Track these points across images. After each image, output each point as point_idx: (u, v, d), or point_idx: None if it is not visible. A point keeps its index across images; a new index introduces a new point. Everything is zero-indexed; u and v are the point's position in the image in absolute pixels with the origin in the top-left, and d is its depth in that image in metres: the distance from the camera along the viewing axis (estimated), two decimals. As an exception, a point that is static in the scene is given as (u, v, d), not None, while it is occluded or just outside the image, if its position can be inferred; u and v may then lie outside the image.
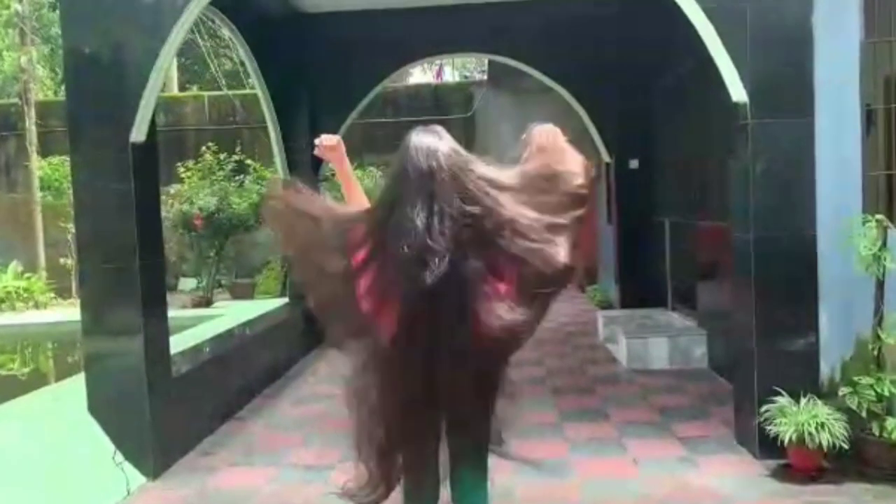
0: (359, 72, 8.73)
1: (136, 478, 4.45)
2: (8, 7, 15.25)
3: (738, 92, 4.39)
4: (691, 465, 4.41)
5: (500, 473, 4.18)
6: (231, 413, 5.87)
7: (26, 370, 9.39)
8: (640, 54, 8.60)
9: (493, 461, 2.62)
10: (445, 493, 2.75)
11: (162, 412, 4.67)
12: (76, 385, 5.00)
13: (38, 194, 13.36)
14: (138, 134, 4.59)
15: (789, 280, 4.39)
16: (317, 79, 8.65)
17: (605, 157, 9.74)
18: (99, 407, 4.64)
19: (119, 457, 4.49)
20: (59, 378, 6.98)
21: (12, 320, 10.79)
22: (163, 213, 5.39)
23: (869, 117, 4.41)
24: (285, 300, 9.37)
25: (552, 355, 7.73)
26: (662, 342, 6.90)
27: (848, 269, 4.15)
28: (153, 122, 4.74)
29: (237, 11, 7.06)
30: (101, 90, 4.61)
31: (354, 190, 2.77)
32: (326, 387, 6.79)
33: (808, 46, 4.35)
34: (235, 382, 6.12)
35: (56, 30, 17.03)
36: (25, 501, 3.84)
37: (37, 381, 7.92)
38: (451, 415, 2.50)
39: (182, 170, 11.77)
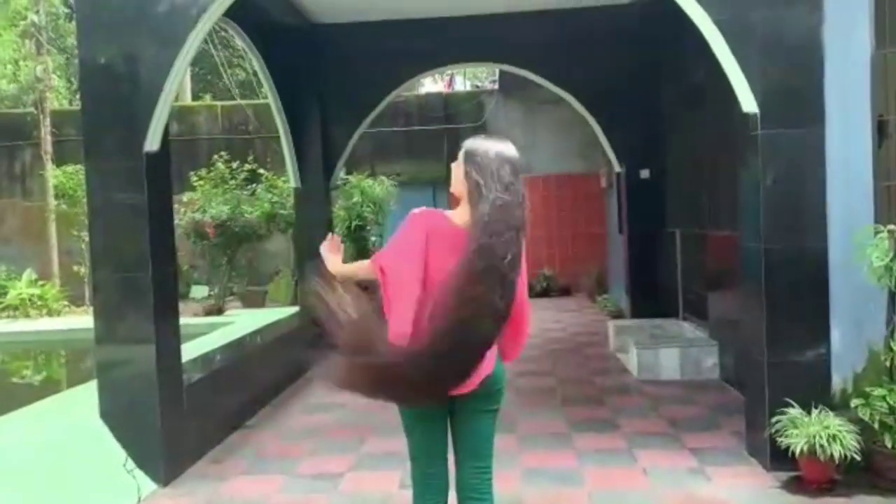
0: (370, 81, 8.78)
1: (147, 484, 4.48)
2: (24, 17, 15.41)
3: (748, 102, 4.39)
4: (702, 477, 4.39)
5: (509, 482, 4.20)
6: (241, 421, 5.89)
7: (39, 377, 9.45)
8: (650, 64, 8.62)
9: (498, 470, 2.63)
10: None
11: (173, 420, 4.70)
12: (88, 392, 5.04)
13: (53, 202, 13.44)
14: (152, 143, 4.63)
15: (800, 290, 4.37)
16: (329, 88, 8.71)
17: (616, 167, 9.74)
18: (111, 414, 4.67)
19: (130, 463, 4.51)
20: (71, 385, 7.01)
21: (26, 327, 10.86)
22: (175, 222, 5.43)
23: (881, 128, 4.39)
24: (296, 308, 9.40)
25: (563, 365, 7.73)
26: (673, 353, 6.87)
27: (860, 279, 4.13)
28: (166, 132, 4.78)
29: (250, 22, 7.13)
30: (116, 100, 4.65)
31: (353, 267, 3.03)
32: (336, 396, 6.80)
33: (818, 57, 4.35)
34: (246, 391, 6.14)
35: (72, 40, 17.23)
36: (37, 507, 3.87)
37: (49, 387, 7.97)
38: None
39: (194, 178, 11.84)
